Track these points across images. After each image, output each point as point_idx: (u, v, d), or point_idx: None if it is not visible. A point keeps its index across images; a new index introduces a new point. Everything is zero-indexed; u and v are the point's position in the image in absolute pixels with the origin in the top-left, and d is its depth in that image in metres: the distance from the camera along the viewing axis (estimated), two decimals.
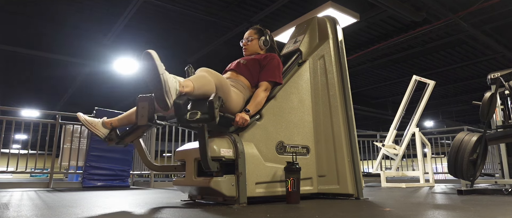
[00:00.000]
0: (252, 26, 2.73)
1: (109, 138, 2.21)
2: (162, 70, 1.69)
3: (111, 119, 2.25)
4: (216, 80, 1.98)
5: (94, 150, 4.99)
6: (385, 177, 4.89)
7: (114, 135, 2.22)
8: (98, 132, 2.18)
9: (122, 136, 2.26)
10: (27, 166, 5.00)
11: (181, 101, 1.73)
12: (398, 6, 5.07)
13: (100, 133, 2.18)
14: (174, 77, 1.77)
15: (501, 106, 3.94)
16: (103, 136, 2.20)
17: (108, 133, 2.21)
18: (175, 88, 1.73)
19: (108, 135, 2.21)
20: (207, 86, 1.90)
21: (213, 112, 1.72)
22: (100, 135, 2.19)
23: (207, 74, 1.97)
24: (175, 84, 1.74)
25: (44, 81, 9.03)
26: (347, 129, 2.49)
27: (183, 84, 1.79)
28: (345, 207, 1.82)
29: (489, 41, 6.49)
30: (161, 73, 1.68)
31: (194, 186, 2.08)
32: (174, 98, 1.74)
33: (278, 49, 2.74)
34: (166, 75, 1.71)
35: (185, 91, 1.78)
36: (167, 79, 1.70)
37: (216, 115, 1.73)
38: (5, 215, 1.57)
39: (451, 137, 7.13)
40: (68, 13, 5.73)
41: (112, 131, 2.22)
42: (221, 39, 6.54)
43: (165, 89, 1.69)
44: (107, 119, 2.24)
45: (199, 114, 1.76)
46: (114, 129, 2.23)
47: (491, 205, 1.91)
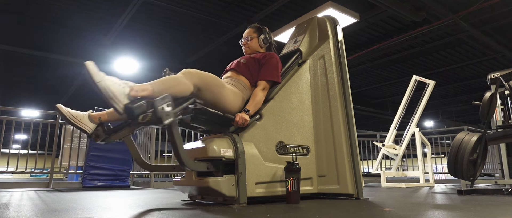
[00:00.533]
0: (251, 25, 2.72)
1: (96, 134, 1.98)
2: (99, 78, 1.66)
3: (99, 112, 2.02)
4: (196, 81, 1.97)
5: (94, 150, 4.99)
6: (385, 177, 4.89)
7: (101, 131, 1.99)
8: (84, 127, 1.94)
9: (110, 132, 2.05)
10: (27, 166, 5.00)
11: (133, 105, 1.72)
12: (398, 6, 5.07)
13: (87, 128, 1.95)
14: (124, 83, 1.75)
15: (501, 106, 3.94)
16: (90, 131, 1.96)
17: (95, 128, 1.97)
18: (122, 93, 1.71)
19: (95, 131, 1.97)
20: (175, 88, 1.87)
21: (156, 113, 1.71)
22: (86, 130, 1.95)
23: (183, 76, 1.95)
24: (123, 89, 1.72)
25: (44, 81, 9.03)
26: (347, 129, 2.49)
27: (137, 89, 1.76)
28: (345, 207, 1.82)
29: (489, 41, 6.49)
30: (98, 82, 1.66)
31: (194, 186, 2.08)
32: (126, 102, 1.71)
33: (278, 49, 2.74)
34: (105, 83, 1.68)
35: (140, 95, 1.76)
36: (107, 86, 1.68)
37: (161, 116, 1.71)
38: (5, 215, 1.57)
39: (451, 137, 7.13)
40: (68, 13, 5.73)
41: (99, 126, 1.99)
42: (221, 39, 6.54)
43: (109, 96, 1.68)
44: (94, 113, 2.02)
45: (149, 115, 1.76)
46: (102, 123, 2.01)
47: (491, 205, 1.91)
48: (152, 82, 1.86)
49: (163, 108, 1.72)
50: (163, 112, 1.72)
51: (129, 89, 1.74)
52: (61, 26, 6.16)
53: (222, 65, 2.65)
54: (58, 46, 6.39)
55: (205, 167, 2.00)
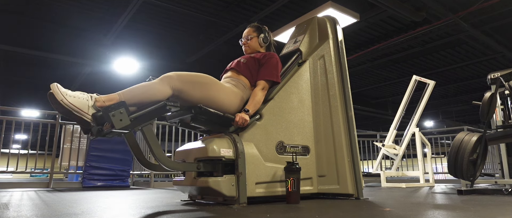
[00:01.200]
0: (250, 24, 2.72)
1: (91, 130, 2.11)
2: (60, 97, 1.73)
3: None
4: (176, 84, 1.97)
5: (94, 150, 4.99)
6: (385, 177, 4.89)
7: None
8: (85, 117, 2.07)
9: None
10: (27, 166, 5.01)
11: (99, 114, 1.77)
12: (398, 6, 5.07)
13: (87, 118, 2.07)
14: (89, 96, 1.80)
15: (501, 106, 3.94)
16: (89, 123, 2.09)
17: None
18: (86, 105, 1.77)
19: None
20: (146, 93, 1.90)
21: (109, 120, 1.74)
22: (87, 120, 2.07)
23: (158, 81, 1.96)
24: (87, 102, 1.78)
25: (44, 81, 9.03)
26: (347, 129, 2.49)
27: (103, 99, 1.82)
28: (345, 207, 1.82)
29: (489, 41, 6.49)
30: (60, 100, 1.72)
31: (194, 186, 2.08)
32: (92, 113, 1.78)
33: (278, 49, 2.74)
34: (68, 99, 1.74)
35: (108, 104, 1.80)
36: (70, 102, 1.74)
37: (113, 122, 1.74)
38: (5, 215, 1.57)
39: (451, 137, 7.13)
40: (68, 13, 5.73)
41: None
42: (221, 39, 6.55)
43: (74, 110, 1.74)
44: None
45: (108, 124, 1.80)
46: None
47: (491, 205, 1.91)
48: (121, 91, 1.90)
49: (114, 114, 1.75)
50: (114, 118, 1.75)
51: (93, 101, 1.80)
52: (61, 26, 6.16)
53: (222, 65, 2.65)
54: (58, 46, 6.39)
55: (191, 167, 2.01)
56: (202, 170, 2.04)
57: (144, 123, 1.88)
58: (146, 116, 1.89)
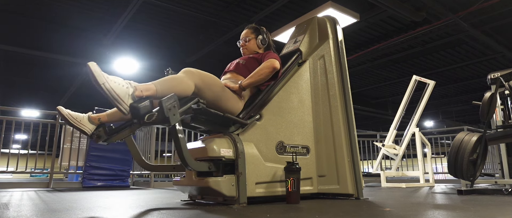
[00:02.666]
0: (248, 25, 2.70)
1: (97, 135, 2.00)
2: (102, 80, 1.66)
3: (99, 113, 2.07)
4: (198, 80, 1.96)
5: (94, 150, 4.99)
6: (385, 177, 4.89)
7: (103, 132, 2.01)
8: (84, 128, 1.96)
9: (111, 133, 2.06)
10: (27, 166, 5.00)
11: (138, 104, 1.72)
12: (398, 6, 5.07)
13: (86, 129, 1.96)
14: (128, 83, 1.75)
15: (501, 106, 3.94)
16: (90, 132, 1.98)
17: (95, 129, 1.99)
18: (126, 94, 1.71)
19: (96, 131, 1.99)
20: (177, 87, 1.87)
21: (163, 112, 1.70)
22: (86, 131, 1.97)
23: (184, 75, 1.95)
24: (127, 90, 1.72)
25: (44, 81, 9.03)
26: (347, 129, 2.49)
27: (141, 89, 1.76)
28: (345, 207, 1.82)
29: (489, 41, 6.49)
30: (102, 83, 1.66)
31: (194, 186, 2.08)
32: (130, 102, 1.72)
33: (278, 49, 2.73)
34: (109, 84, 1.68)
35: (145, 95, 1.76)
36: (111, 87, 1.68)
37: (168, 116, 1.70)
38: (5, 215, 1.57)
39: (451, 137, 7.13)
40: (68, 13, 5.73)
41: (99, 127, 2.01)
42: (221, 39, 6.55)
43: (113, 97, 1.68)
44: (93, 114, 2.05)
45: (155, 115, 1.76)
46: (103, 124, 2.03)
47: (491, 205, 1.91)
48: (156, 81, 1.85)
49: (170, 108, 1.72)
50: (170, 112, 1.71)
51: (133, 90, 1.74)
52: (61, 26, 6.16)
53: (222, 65, 2.65)
54: (58, 46, 6.39)
55: (206, 167, 1.99)
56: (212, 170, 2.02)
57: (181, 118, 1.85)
58: (185, 111, 1.87)
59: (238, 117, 2.19)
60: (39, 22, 6.00)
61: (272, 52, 2.49)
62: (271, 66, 2.28)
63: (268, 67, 2.28)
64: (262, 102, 2.35)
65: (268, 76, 2.28)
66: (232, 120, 2.14)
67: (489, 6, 5.34)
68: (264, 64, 2.29)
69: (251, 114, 2.27)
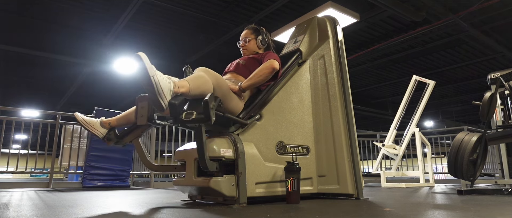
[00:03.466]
0: (248, 26, 2.69)
1: (107, 138, 2.19)
2: (152, 72, 1.67)
3: (109, 118, 2.23)
4: (214, 80, 1.96)
5: (94, 150, 4.99)
6: (385, 177, 4.89)
7: (113, 135, 2.21)
8: (96, 132, 2.16)
9: (121, 136, 2.24)
10: (27, 166, 5.00)
11: (176, 102, 1.72)
12: (398, 6, 5.07)
13: (98, 133, 2.16)
14: (168, 78, 1.76)
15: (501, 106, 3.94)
16: (102, 136, 2.18)
17: (106, 132, 2.19)
18: (169, 89, 1.72)
19: (107, 135, 2.19)
20: (204, 86, 1.88)
21: (208, 111, 1.70)
22: (98, 135, 2.17)
23: (205, 74, 1.95)
24: (169, 85, 1.73)
25: (44, 81, 9.03)
26: (347, 129, 2.49)
27: (178, 85, 1.77)
28: (345, 207, 1.82)
29: (489, 41, 6.49)
30: (152, 75, 1.66)
31: (194, 186, 2.08)
32: (169, 99, 1.72)
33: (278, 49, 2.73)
34: (158, 77, 1.69)
35: (180, 92, 1.77)
36: (159, 81, 1.68)
37: (211, 115, 1.71)
38: (5, 215, 1.57)
39: (451, 137, 7.13)
40: (68, 13, 5.73)
41: (110, 131, 2.20)
42: (221, 39, 6.55)
43: (158, 91, 1.68)
44: (105, 119, 2.21)
45: (194, 113, 1.75)
46: (113, 128, 2.21)
47: (491, 205, 1.91)
48: (187, 78, 1.86)
49: (212, 107, 1.73)
50: (212, 111, 1.72)
51: (173, 85, 1.75)
52: (62, 26, 6.16)
53: (222, 65, 2.64)
54: (58, 46, 6.39)
55: (214, 167, 1.99)
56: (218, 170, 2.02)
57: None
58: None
59: (238, 117, 2.19)
60: (39, 22, 6.00)
61: (272, 52, 2.49)
62: (270, 67, 2.28)
63: (267, 68, 2.27)
64: (262, 102, 2.35)
65: (267, 77, 2.28)
66: (232, 120, 2.14)
67: (489, 6, 5.34)
68: (263, 65, 2.29)
69: (251, 114, 2.28)
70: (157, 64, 6.13)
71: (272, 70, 2.29)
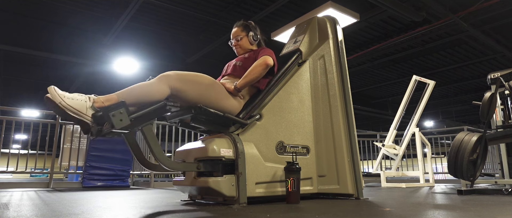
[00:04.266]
0: (236, 23, 2.64)
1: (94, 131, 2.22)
2: (58, 100, 1.74)
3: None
4: (174, 83, 1.97)
5: (94, 150, 4.99)
6: (385, 177, 4.89)
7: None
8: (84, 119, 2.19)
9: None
10: (27, 166, 5.00)
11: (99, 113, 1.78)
12: (398, 6, 5.07)
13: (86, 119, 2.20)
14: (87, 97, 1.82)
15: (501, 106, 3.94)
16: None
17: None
18: (84, 107, 1.78)
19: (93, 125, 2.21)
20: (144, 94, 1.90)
21: (110, 120, 1.75)
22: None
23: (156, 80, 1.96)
24: (85, 103, 1.79)
25: (44, 81, 9.03)
26: (347, 129, 2.49)
27: (102, 100, 1.83)
28: (345, 207, 1.82)
29: (489, 41, 6.49)
30: (58, 102, 1.73)
31: (194, 186, 2.08)
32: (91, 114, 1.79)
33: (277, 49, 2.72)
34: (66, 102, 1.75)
35: (107, 105, 1.81)
36: (68, 105, 1.75)
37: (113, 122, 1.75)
38: (5, 215, 1.57)
39: (451, 137, 7.13)
40: (68, 13, 5.73)
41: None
42: (221, 39, 6.55)
43: (73, 112, 1.75)
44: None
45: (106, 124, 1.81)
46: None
47: (491, 205, 1.91)
48: (119, 92, 1.90)
49: (114, 114, 1.76)
50: (114, 118, 1.76)
51: (92, 102, 1.81)
52: (62, 26, 6.16)
53: (222, 65, 2.64)
54: (58, 46, 6.39)
55: (191, 167, 2.01)
56: (202, 170, 2.04)
57: (144, 122, 1.89)
58: (146, 115, 1.90)
59: (238, 117, 2.19)
60: (39, 22, 6.00)
61: (265, 48, 2.47)
62: (264, 64, 2.27)
63: (260, 65, 2.27)
64: (262, 102, 2.35)
65: (262, 73, 2.27)
66: (232, 120, 2.14)
67: (489, 6, 5.34)
68: (257, 62, 2.29)
69: (251, 113, 2.27)
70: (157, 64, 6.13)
71: (266, 66, 2.28)
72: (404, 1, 5.22)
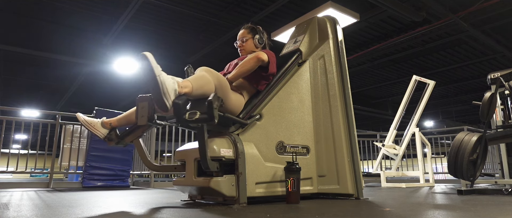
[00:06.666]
0: (244, 25, 2.67)
1: (108, 138, 2.23)
2: (158, 72, 1.69)
3: (110, 119, 2.26)
4: (215, 80, 1.97)
5: (94, 150, 4.99)
6: (385, 177, 4.89)
7: (114, 135, 2.24)
8: (98, 132, 2.20)
9: (122, 136, 2.26)
10: (27, 166, 5.00)
11: (180, 102, 1.73)
12: (398, 6, 5.07)
13: (99, 133, 2.20)
14: (172, 78, 1.77)
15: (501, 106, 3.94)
16: (103, 136, 2.21)
17: (107, 133, 2.22)
18: (173, 89, 1.73)
19: (108, 135, 2.23)
20: (206, 86, 1.89)
21: (212, 111, 1.72)
22: (99, 135, 2.20)
23: (207, 74, 1.95)
24: (174, 85, 1.74)
25: (44, 81, 9.03)
26: (347, 129, 2.49)
27: (181, 85, 1.78)
28: (345, 207, 1.82)
29: (489, 41, 6.49)
30: (158, 75, 1.68)
31: (194, 186, 2.08)
32: (173, 99, 1.74)
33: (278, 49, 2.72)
34: (163, 77, 1.71)
35: (184, 92, 1.78)
36: (164, 81, 1.70)
37: (215, 115, 1.73)
38: (5, 215, 1.57)
39: (451, 137, 7.13)
40: (68, 13, 5.73)
41: (111, 131, 2.24)
42: (221, 39, 6.55)
43: (163, 91, 1.69)
44: (106, 119, 2.25)
45: (198, 113, 1.76)
46: (114, 129, 2.25)
47: (491, 205, 1.91)
48: (190, 79, 1.87)
49: (216, 107, 1.74)
50: (216, 111, 1.74)
51: (177, 85, 1.76)
52: (62, 26, 6.16)
53: (222, 65, 2.64)
54: (58, 46, 6.39)
55: (215, 166, 1.99)
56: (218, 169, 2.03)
57: None
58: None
59: (238, 117, 2.19)
60: (39, 22, 5.99)
61: (266, 49, 2.49)
62: (255, 57, 2.27)
63: (252, 58, 2.27)
64: (262, 102, 2.35)
65: (253, 67, 2.26)
66: (232, 120, 2.14)
67: (489, 6, 5.34)
68: (249, 56, 2.30)
69: (251, 113, 2.27)
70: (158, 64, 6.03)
71: (257, 59, 2.27)
72: (404, 1, 5.22)
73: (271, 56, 2.39)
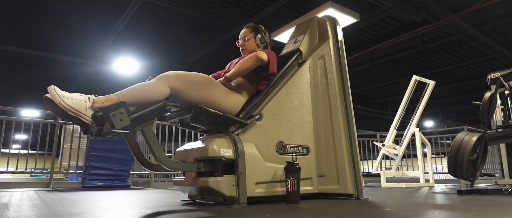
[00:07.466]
0: (246, 25, 2.67)
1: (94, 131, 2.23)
2: (58, 100, 1.73)
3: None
4: (174, 83, 1.97)
5: (94, 150, 4.99)
6: (385, 177, 4.89)
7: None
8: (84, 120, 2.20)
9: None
10: (27, 166, 5.00)
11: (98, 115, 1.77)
12: (398, 6, 5.07)
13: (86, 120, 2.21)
14: (86, 97, 1.81)
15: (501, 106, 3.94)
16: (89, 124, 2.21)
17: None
18: (84, 107, 1.78)
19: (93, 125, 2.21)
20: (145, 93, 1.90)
21: (110, 120, 1.75)
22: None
23: (156, 81, 1.96)
24: (84, 103, 1.78)
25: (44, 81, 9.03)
26: (347, 129, 2.49)
27: (102, 100, 1.82)
28: (345, 207, 1.82)
29: (489, 41, 6.49)
30: (58, 102, 1.73)
31: (194, 186, 2.08)
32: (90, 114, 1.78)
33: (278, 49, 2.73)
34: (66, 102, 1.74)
35: (107, 105, 1.81)
36: (68, 104, 1.74)
37: (113, 122, 1.74)
38: (5, 215, 1.57)
39: (451, 137, 7.13)
40: (68, 13, 5.73)
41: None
42: (221, 39, 6.55)
43: (73, 113, 1.75)
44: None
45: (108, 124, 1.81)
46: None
47: (491, 205, 1.91)
48: (119, 92, 1.90)
49: (115, 115, 1.75)
50: (115, 118, 1.75)
51: (91, 102, 1.81)
52: (61, 26, 6.16)
53: (222, 65, 2.65)
54: (58, 46, 6.39)
55: (191, 167, 2.01)
56: (202, 170, 2.04)
57: (144, 122, 1.89)
58: (146, 115, 1.90)
59: (238, 117, 2.19)
60: (39, 22, 6.00)
61: (268, 49, 2.49)
62: (254, 56, 2.27)
63: (251, 57, 2.26)
64: (262, 102, 2.35)
65: (252, 65, 2.26)
66: (232, 120, 2.14)
67: (489, 6, 5.34)
68: (249, 55, 2.30)
69: (251, 113, 2.27)
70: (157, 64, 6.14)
71: (256, 59, 2.26)
72: (404, 1, 5.22)
73: (272, 56, 2.39)
